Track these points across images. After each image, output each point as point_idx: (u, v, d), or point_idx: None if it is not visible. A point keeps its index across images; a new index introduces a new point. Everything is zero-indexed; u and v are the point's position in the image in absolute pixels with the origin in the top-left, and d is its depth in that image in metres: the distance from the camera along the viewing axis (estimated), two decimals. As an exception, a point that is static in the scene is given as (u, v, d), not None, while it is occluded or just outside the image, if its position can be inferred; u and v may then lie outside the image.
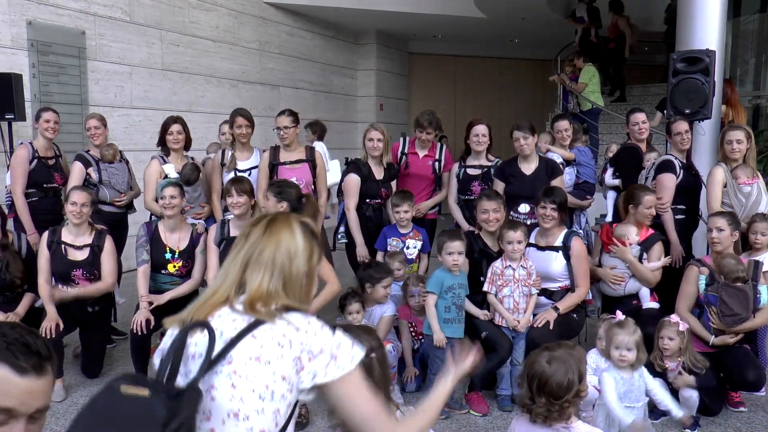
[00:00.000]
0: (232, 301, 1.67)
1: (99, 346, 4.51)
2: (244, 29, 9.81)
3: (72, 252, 4.33)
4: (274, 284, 1.67)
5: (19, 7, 6.61)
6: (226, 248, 4.30)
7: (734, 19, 9.26)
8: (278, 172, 4.84)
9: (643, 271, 4.23)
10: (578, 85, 9.52)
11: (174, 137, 4.98)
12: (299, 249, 1.72)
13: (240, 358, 1.56)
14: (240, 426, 1.53)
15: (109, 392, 1.47)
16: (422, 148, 5.15)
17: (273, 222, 1.75)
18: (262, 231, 1.73)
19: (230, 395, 1.54)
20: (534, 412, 2.18)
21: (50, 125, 4.99)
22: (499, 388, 4.05)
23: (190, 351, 1.61)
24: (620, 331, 3.25)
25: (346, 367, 1.60)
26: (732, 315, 3.78)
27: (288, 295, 1.68)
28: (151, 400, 1.44)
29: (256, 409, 1.53)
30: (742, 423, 3.83)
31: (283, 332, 1.58)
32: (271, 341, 1.57)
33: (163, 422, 1.39)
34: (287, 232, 1.73)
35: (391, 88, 13.42)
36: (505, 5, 10.84)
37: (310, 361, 1.58)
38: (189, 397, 1.47)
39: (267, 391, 1.54)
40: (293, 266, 1.70)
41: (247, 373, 1.55)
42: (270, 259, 1.69)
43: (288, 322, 1.60)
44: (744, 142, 4.55)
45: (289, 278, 1.69)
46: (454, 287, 3.98)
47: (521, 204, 4.62)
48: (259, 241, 1.71)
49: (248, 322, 1.60)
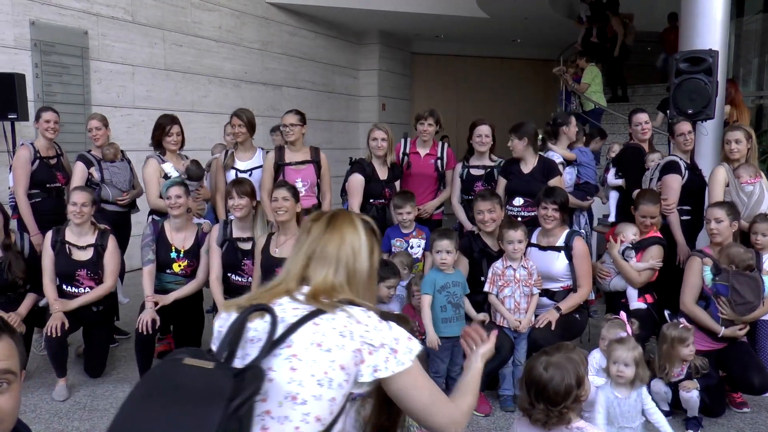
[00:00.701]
0: (293, 292, 1.69)
1: (102, 346, 4.51)
2: (246, 29, 9.81)
3: (76, 252, 4.33)
4: (339, 279, 1.70)
5: (22, 7, 6.62)
6: (229, 248, 4.32)
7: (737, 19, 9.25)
8: (284, 173, 4.84)
9: (625, 269, 4.24)
10: (581, 86, 9.51)
11: (174, 139, 4.98)
12: (363, 246, 1.75)
13: (301, 343, 1.56)
14: (297, 410, 1.51)
15: (169, 363, 1.47)
16: (423, 147, 5.15)
17: (335, 218, 1.78)
18: (324, 227, 1.75)
19: (289, 377, 1.53)
20: (533, 417, 2.18)
21: (50, 125, 4.98)
22: (501, 389, 4.04)
23: (249, 335, 1.60)
24: (619, 346, 3.22)
25: (405, 362, 1.62)
26: (744, 303, 3.78)
27: (351, 290, 1.71)
28: (217, 372, 1.44)
29: (314, 395, 1.53)
30: (746, 424, 3.82)
31: (344, 323, 1.60)
32: (332, 330, 1.58)
33: (229, 396, 1.38)
34: (351, 229, 1.76)
35: (393, 88, 13.42)
36: (507, 5, 10.84)
37: (370, 355, 1.59)
38: (253, 375, 1.46)
39: (326, 377, 1.54)
40: (357, 263, 1.73)
41: (308, 358, 1.54)
42: (334, 254, 1.71)
43: (349, 315, 1.62)
44: (743, 142, 4.54)
45: (353, 274, 1.72)
46: (448, 286, 3.97)
47: (516, 198, 4.72)
48: (321, 237, 1.74)
49: (309, 311, 1.62)
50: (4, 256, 4.20)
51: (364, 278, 1.75)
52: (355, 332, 1.59)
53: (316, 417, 1.52)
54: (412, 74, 14.28)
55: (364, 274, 1.75)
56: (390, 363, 1.60)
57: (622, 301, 4.29)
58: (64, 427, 3.72)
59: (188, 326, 4.49)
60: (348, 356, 1.57)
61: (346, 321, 1.60)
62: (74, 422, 3.78)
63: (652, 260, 4.24)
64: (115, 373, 4.54)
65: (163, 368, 1.47)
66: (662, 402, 3.78)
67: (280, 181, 4.54)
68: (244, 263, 4.31)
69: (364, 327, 1.61)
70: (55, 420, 3.80)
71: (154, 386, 1.43)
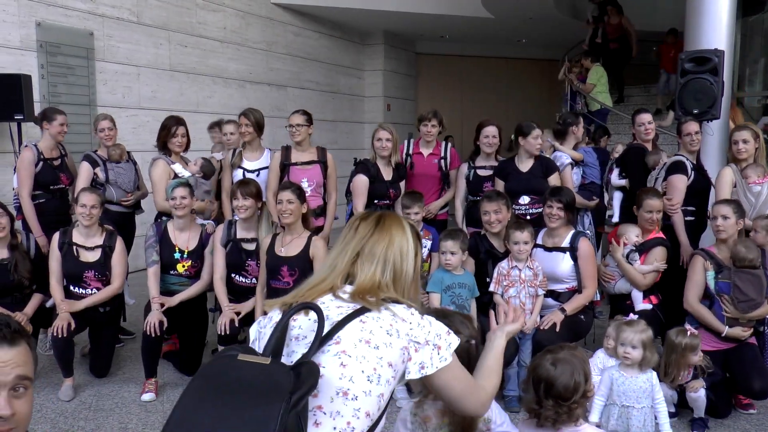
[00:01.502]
0: (337, 289, 1.71)
1: (108, 346, 4.52)
2: (251, 30, 9.83)
3: (83, 253, 4.34)
4: (386, 278, 1.72)
5: (28, 9, 6.65)
6: (233, 249, 4.32)
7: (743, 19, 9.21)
8: (290, 173, 4.84)
9: (630, 272, 4.21)
10: (586, 86, 9.49)
11: (179, 140, 5.00)
12: (410, 249, 1.78)
13: (349, 339, 1.58)
14: (348, 405, 1.53)
15: (225, 359, 1.48)
16: (427, 147, 5.14)
17: (384, 219, 1.80)
18: (373, 226, 1.78)
19: (340, 374, 1.55)
20: (543, 416, 2.16)
21: (64, 129, 5.02)
22: (506, 389, 4.03)
23: (293, 333, 1.63)
24: (627, 328, 3.25)
25: (448, 357, 1.66)
26: (747, 300, 3.78)
27: (397, 290, 1.73)
28: (275, 368, 1.45)
29: (364, 390, 1.55)
30: (752, 425, 3.81)
31: (390, 322, 1.63)
32: (380, 329, 1.61)
33: (290, 389, 1.39)
34: (399, 231, 1.78)
35: (398, 89, 13.42)
36: (512, 5, 10.82)
37: (416, 352, 1.63)
38: (308, 371, 1.47)
39: (375, 374, 1.56)
40: (404, 265, 1.76)
41: (357, 354, 1.56)
42: (382, 254, 1.74)
43: (394, 313, 1.65)
44: (751, 142, 4.52)
45: (399, 275, 1.75)
46: (454, 286, 3.97)
47: (521, 196, 4.71)
48: (370, 236, 1.76)
49: (354, 309, 1.64)
50: (10, 257, 4.21)
51: (409, 280, 1.77)
52: (402, 330, 1.62)
53: (366, 412, 1.55)
54: (417, 74, 14.27)
55: (410, 277, 1.77)
56: (434, 359, 1.64)
57: (627, 303, 4.27)
58: (69, 426, 3.73)
59: (192, 326, 4.50)
60: (396, 354, 1.60)
61: (392, 319, 1.63)
62: (80, 422, 3.79)
63: (656, 262, 4.21)
64: (121, 374, 4.55)
65: (219, 364, 1.49)
66: (669, 404, 3.77)
67: (284, 183, 4.53)
68: (248, 264, 4.31)
69: (408, 325, 1.64)
70: (61, 420, 3.81)
71: (212, 382, 1.44)
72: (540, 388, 2.17)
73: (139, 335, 4.53)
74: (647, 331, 3.23)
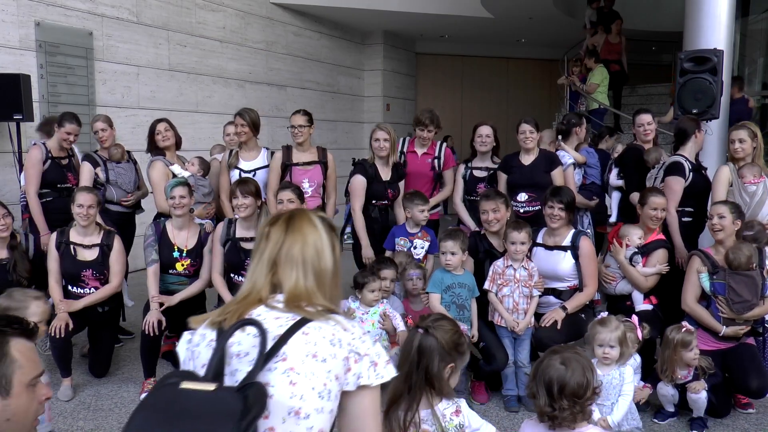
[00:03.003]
0: (267, 300, 1.65)
1: (107, 346, 4.52)
2: (251, 30, 9.83)
3: (81, 252, 4.34)
4: (310, 282, 1.66)
5: (28, 8, 6.65)
6: (231, 248, 4.32)
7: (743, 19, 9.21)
8: (291, 173, 4.84)
9: (632, 274, 4.19)
10: (590, 86, 9.48)
11: (162, 135, 5.04)
12: (324, 244, 1.70)
13: (296, 355, 1.52)
14: (301, 424, 1.49)
15: (165, 389, 1.43)
16: (421, 147, 5.15)
17: (293, 219, 1.72)
18: (284, 228, 1.69)
19: (290, 393, 1.50)
20: (558, 417, 2.13)
21: (70, 137, 5.02)
22: (505, 389, 4.04)
23: (233, 350, 1.56)
24: (602, 329, 3.26)
25: (385, 376, 1.60)
26: (741, 301, 3.78)
27: (321, 292, 1.67)
28: (222, 395, 1.41)
29: (316, 408, 1.50)
30: (750, 424, 3.81)
31: (332, 331, 1.57)
32: (323, 339, 1.55)
33: (239, 416, 1.36)
34: (311, 228, 1.70)
35: (398, 89, 13.42)
36: (512, 5, 10.82)
37: (356, 363, 1.57)
38: (256, 393, 1.43)
39: (325, 389, 1.52)
40: (322, 262, 1.68)
41: (306, 371, 1.51)
42: (300, 256, 1.66)
43: (336, 322, 1.59)
44: (748, 141, 4.52)
45: (320, 274, 1.68)
46: (454, 286, 3.97)
47: (519, 193, 4.73)
48: (283, 239, 1.68)
49: (294, 320, 1.57)
50: (9, 257, 4.22)
51: (330, 276, 1.70)
52: (344, 340, 1.57)
53: (320, 430, 1.51)
54: (417, 74, 14.28)
55: (330, 272, 1.70)
56: (371, 373, 1.58)
57: (627, 304, 4.27)
58: (69, 426, 3.73)
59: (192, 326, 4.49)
60: (339, 365, 1.55)
61: (334, 329, 1.58)
62: (79, 422, 3.79)
63: (658, 264, 4.20)
64: (120, 373, 4.55)
65: (162, 395, 1.43)
66: (669, 404, 3.78)
67: (284, 183, 4.54)
68: (247, 263, 4.29)
69: (351, 335, 1.59)
70: (60, 420, 3.81)
71: (158, 414, 1.39)
72: (553, 390, 2.13)
73: (138, 335, 4.53)
74: (620, 327, 3.26)
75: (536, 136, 4.86)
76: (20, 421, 1.49)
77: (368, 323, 3.82)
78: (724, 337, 3.86)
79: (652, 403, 3.88)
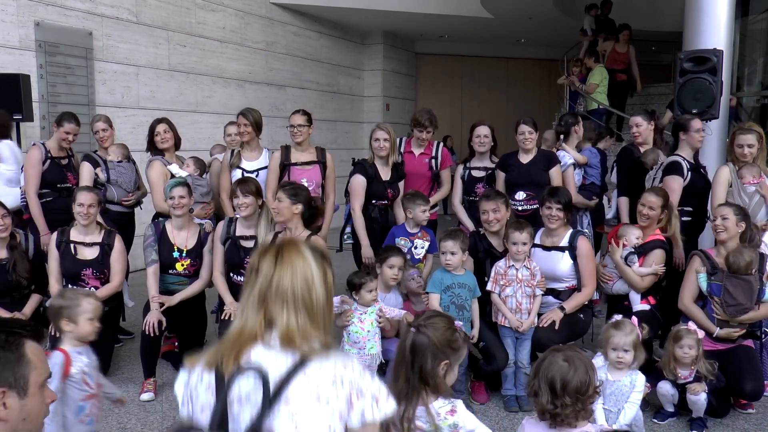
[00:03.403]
0: (263, 337, 1.62)
1: (107, 346, 4.49)
2: (250, 30, 9.83)
3: (81, 250, 4.34)
4: (302, 320, 1.62)
5: (27, 8, 6.65)
6: (231, 246, 4.32)
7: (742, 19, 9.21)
8: (290, 173, 4.84)
9: (628, 274, 4.19)
10: (590, 87, 9.48)
11: (161, 137, 5.03)
12: (315, 274, 1.67)
13: (298, 399, 1.52)
14: None
15: None
16: (418, 147, 5.15)
17: (282, 251, 1.68)
18: (273, 261, 1.66)
19: None
20: (561, 415, 2.14)
21: (69, 137, 5.02)
22: (504, 389, 4.04)
23: (234, 393, 1.56)
24: (617, 332, 3.23)
25: (387, 411, 1.60)
26: (735, 304, 3.79)
27: (314, 326, 1.64)
28: None
29: None
30: (750, 424, 3.81)
31: (333, 371, 1.56)
32: (324, 380, 1.55)
33: None
34: (300, 259, 1.67)
35: (397, 88, 13.43)
36: (511, 5, 10.82)
37: (358, 400, 1.57)
38: None
39: (330, 430, 1.53)
40: (312, 294, 1.65)
41: (310, 414, 1.51)
42: (290, 291, 1.63)
43: (335, 361, 1.59)
44: (755, 145, 4.52)
45: (311, 308, 1.65)
46: (453, 286, 3.97)
47: (518, 192, 4.75)
48: (273, 273, 1.65)
49: (294, 361, 1.57)
50: (9, 257, 4.21)
51: (322, 307, 1.68)
52: (345, 378, 1.57)
53: None
54: (417, 74, 14.28)
55: (321, 303, 1.68)
56: (374, 409, 1.59)
57: (624, 304, 4.27)
58: (68, 426, 3.72)
59: (191, 326, 4.49)
60: (343, 404, 1.55)
61: (334, 368, 1.57)
62: (78, 422, 3.78)
63: (654, 265, 4.19)
64: (119, 373, 4.55)
65: None
66: (668, 404, 3.78)
67: (281, 182, 4.54)
68: (246, 262, 4.30)
69: (350, 372, 1.59)
70: (60, 420, 3.80)
71: None
72: (556, 387, 2.14)
73: (138, 335, 4.52)
74: (635, 331, 3.24)
75: (535, 136, 4.88)
76: (33, 421, 1.55)
77: (367, 322, 3.82)
78: (719, 338, 3.87)
79: (652, 403, 3.88)
